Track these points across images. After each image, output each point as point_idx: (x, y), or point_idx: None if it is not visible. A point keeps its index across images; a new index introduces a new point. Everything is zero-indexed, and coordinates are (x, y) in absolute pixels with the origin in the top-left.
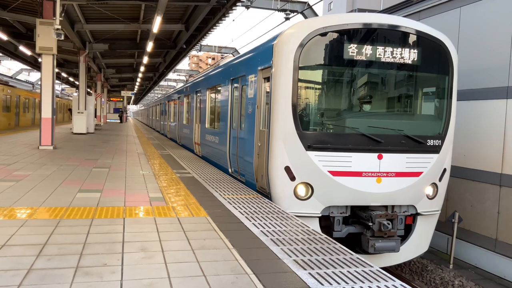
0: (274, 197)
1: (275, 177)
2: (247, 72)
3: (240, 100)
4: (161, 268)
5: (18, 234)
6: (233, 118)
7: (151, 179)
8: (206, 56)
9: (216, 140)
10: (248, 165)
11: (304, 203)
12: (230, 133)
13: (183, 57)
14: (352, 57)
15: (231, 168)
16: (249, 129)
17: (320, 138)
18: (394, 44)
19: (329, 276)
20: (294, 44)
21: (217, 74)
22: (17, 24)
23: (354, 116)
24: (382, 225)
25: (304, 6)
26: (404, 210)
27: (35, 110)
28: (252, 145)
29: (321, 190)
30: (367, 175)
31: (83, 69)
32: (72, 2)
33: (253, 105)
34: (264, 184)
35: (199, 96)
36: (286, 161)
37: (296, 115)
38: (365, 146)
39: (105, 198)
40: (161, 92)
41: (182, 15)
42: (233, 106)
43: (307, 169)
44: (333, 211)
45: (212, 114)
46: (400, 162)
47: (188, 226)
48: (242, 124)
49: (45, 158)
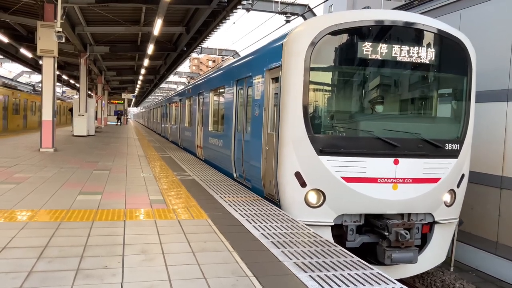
0: (284, 204)
1: (285, 183)
2: (254, 73)
3: (246, 102)
4: (161, 271)
5: (19, 237)
6: (238, 121)
7: (151, 182)
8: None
9: (220, 144)
10: (254, 170)
11: (316, 211)
12: (234, 136)
13: (183, 60)
14: (366, 56)
15: (235, 172)
16: (256, 132)
17: (332, 142)
18: (411, 43)
19: (330, 278)
20: (305, 42)
21: (220, 75)
22: (18, 26)
23: (368, 118)
24: (400, 235)
25: (305, 8)
26: (421, 218)
27: (41, 112)
28: (259, 149)
29: (333, 197)
30: (383, 181)
31: (84, 71)
32: (73, 4)
33: (260, 107)
34: (272, 191)
35: (202, 98)
36: (296, 166)
37: (307, 117)
38: (380, 150)
39: (105, 201)
40: (162, 94)
41: (183, 18)
42: (238, 108)
43: (318, 174)
44: (346, 220)
45: (215, 117)
46: (417, 168)
47: (189, 228)
48: (248, 127)
49: (45, 160)
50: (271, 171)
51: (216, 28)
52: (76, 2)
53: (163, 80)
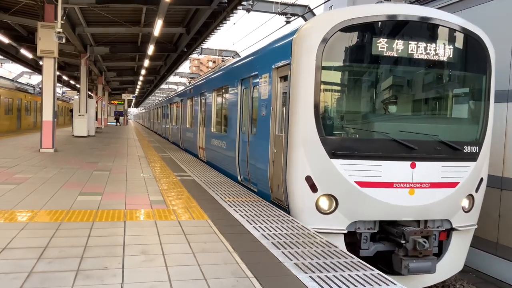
0: (293, 210)
1: (294, 188)
2: (260, 71)
3: (251, 101)
4: (161, 271)
5: (19, 237)
6: (243, 122)
7: (151, 182)
8: (207, 59)
9: (223, 145)
10: (261, 173)
11: (327, 217)
12: (239, 138)
13: (184, 60)
14: (381, 53)
15: (240, 175)
16: (263, 134)
17: (346, 144)
18: (428, 39)
19: (330, 279)
20: (316, 38)
21: (224, 74)
22: (18, 27)
23: (384, 119)
24: (418, 244)
25: (305, 9)
26: (438, 225)
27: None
28: (267, 151)
29: (346, 203)
30: (399, 186)
31: (84, 72)
32: (73, 5)
33: (267, 107)
34: (280, 196)
35: (204, 98)
36: (307, 170)
37: (318, 118)
38: (396, 153)
39: (105, 201)
40: (162, 95)
41: (183, 19)
42: (243, 109)
43: (331, 179)
44: (360, 227)
45: (218, 117)
46: (435, 172)
47: (189, 229)
48: (253, 128)
49: (46, 161)
50: (280, 175)
51: (217, 28)
52: (76, 3)
53: (163, 80)
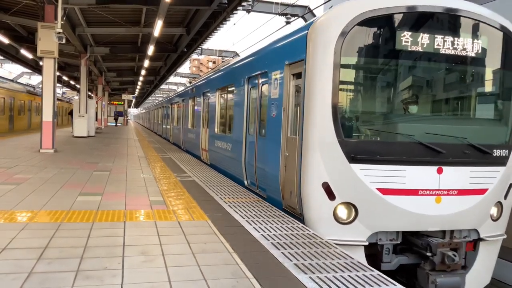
0: (308, 219)
1: (310, 195)
2: (270, 68)
3: (260, 101)
4: (161, 272)
5: (19, 238)
6: (249, 122)
7: (151, 183)
8: (207, 59)
9: (228, 147)
10: (271, 178)
11: (346, 228)
12: (246, 140)
13: (184, 61)
14: (405, 48)
15: (247, 179)
16: (273, 136)
17: (366, 148)
18: (455, 32)
19: (330, 280)
20: (334, 32)
21: (229, 72)
22: (18, 27)
23: (408, 120)
24: (447, 257)
25: (305, 10)
26: (465, 235)
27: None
28: (277, 154)
29: (367, 212)
30: (424, 194)
31: (84, 72)
32: (73, 5)
33: (278, 107)
34: (294, 203)
35: (207, 98)
36: (324, 176)
37: (337, 119)
38: (422, 157)
39: (105, 202)
40: (162, 95)
41: (183, 19)
42: (250, 109)
43: (350, 186)
44: (381, 238)
45: (222, 118)
46: (463, 177)
47: (189, 229)
48: (262, 129)
49: (45, 161)
50: (293, 180)
51: (217, 29)
52: (76, 3)
53: (164, 81)
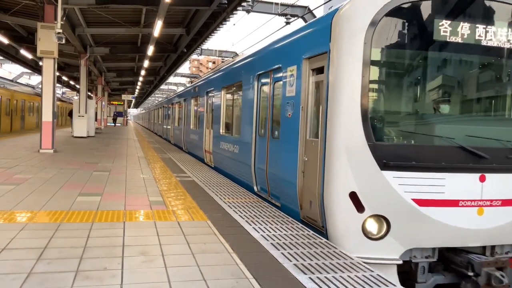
0: (332, 234)
1: (335, 206)
2: (285, 63)
3: (272, 100)
4: (161, 272)
5: (18, 238)
6: (260, 123)
7: (151, 183)
8: (206, 60)
9: (235, 150)
10: (286, 185)
11: (376, 244)
12: (256, 142)
13: (183, 61)
14: (444, 39)
15: (257, 185)
16: (288, 138)
17: (401, 153)
18: (497, 22)
19: (330, 280)
20: (363, 20)
21: (236, 69)
22: (18, 27)
23: (447, 121)
24: (493, 278)
25: (305, 10)
26: (507, 250)
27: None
28: (294, 159)
29: (401, 226)
30: (465, 205)
31: (84, 72)
32: (73, 6)
33: (295, 106)
34: (315, 215)
35: (211, 97)
36: (352, 184)
37: (366, 119)
38: (463, 163)
39: (105, 202)
40: (162, 95)
41: (183, 19)
42: (261, 108)
43: (381, 196)
44: (416, 255)
45: (229, 118)
46: (508, 186)
47: (188, 230)
48: (275, 130)
49: (45, 161)
50: (314, 189)
51: (216, 29)
52: (76, 3)
53: (163, 81)
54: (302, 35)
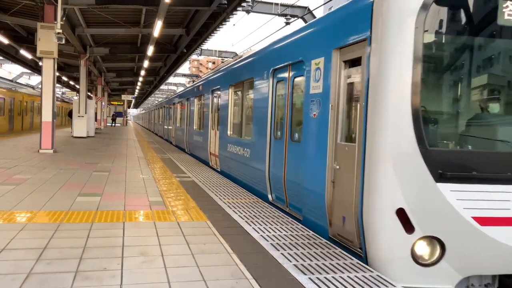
0: (374, 258)
1: (378, 225)
2: (308, 56)
3: (291, 98)
4: (161, 273)
5: (18, 238)
6: (276, 124)
7: (151, 183)
8: (206, 60)
9: (246, 153)
10: (310, 196)
11: (428, 271)
12: (270, 145)
13: (183, 61)
14: (509, 24)
15: (271, 193)
16: (312, 141)
17: (461, 161)
18: None
19: (329, 281)
20: (413, 2)
21: (246, 65)
22: (18, 28)
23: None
24: None
25: (305, 11)
26: None
27: (62, 114)
28: (321, 166)
29: (458, 249)
30: None
31: (83, 72)
32: (73, 6)
33: (322, 105)
34: (349, 234)
35: (218, 96)
36: (399, 199)
37: (418, 120)
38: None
39: (105, 202)
40: (162, 96)
41: (183, 20)
42: (276, 108)
43: (436, 213)
44: (474, 283)
45: (238, 119)
46: None
47: (188, 230)
48: (295, 133)
49: (45, 161)
50: (348, 203)
51: (216, 29)
52: (76, 4)
53: (163, 81)
54: (330, 22)
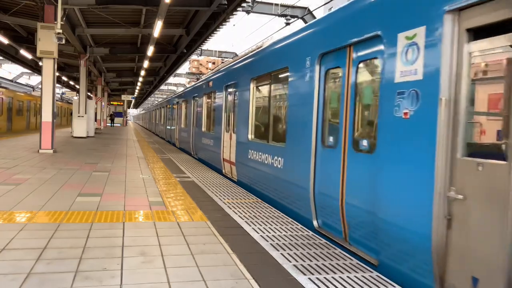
0: None
1: None
2: (391, 28)
3: (353, 90)
4: (160, 273)
5: (18, 238)
6: (325, 127)
7: (151, 183)
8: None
9: (277, 163)
10: (399, 234)
11: None
12: (316, 155)
13: (183, 62)
14: None
15: (317, 218)
16: (401, 153)
17: None
18: None
19: (329, 281)
20: None
21: (275, 53)
22: (18, 28)
23: None
24: None
25: (305, 11)
26: None
27: (65, 114)
28: (421, 192)
29: None
30: None
31: (83, 73)
32: (73, 6)
33: (421, 99)
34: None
35: (234, 92)
36: None
37: None
38: None
39: (104, 202)
40: (162, 96)
41: (183, 20)
42: (326, 104)
43: None
44: None
45: (261, 119)
46: None
47: (188, 230)
48: (362, 140)
49: (45, 161)
50: (487, 257)
51: (216, 30)
52: (76, 4)
53: (163, 81)
54: None
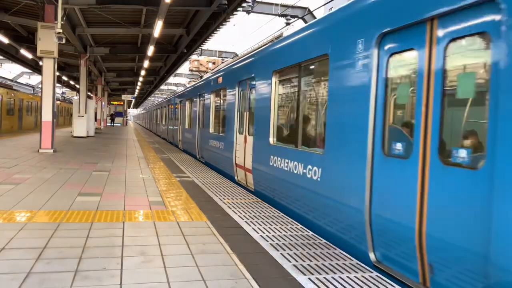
0: None
1: None
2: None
3: (440, 81)
4: (160, 273)
5: (18, 238)
6: (386, 131)
7: (151, 183)
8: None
9: (313, 174)
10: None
11: None
12: (373, 167)
13: (183, 61)
14: None
15: (374, 251)
16: None
17: None
18: None
19: (329, 281)
20: None
21: (307, 38)
22: (18, 27)
23: None
24: None
25: (305, 11)
26: None
27: (66, 114)
28: None
29: None
30: None
31: (83, 72)
32: (73, 6)
33: None
34: None
35: (250, 89)
36: None
37: None
38: None
39: (104, 202)
40: (162, 96)
41: (183, 20)
42: (390, 101)
43: None
44: None
45: (287, 119)
46: None
47: (188, 230)
48: (456, 151)
49: (45, 161)
50: None
51: (217, 30)
52: (76, 3)
53: (163, 81)
54: None
